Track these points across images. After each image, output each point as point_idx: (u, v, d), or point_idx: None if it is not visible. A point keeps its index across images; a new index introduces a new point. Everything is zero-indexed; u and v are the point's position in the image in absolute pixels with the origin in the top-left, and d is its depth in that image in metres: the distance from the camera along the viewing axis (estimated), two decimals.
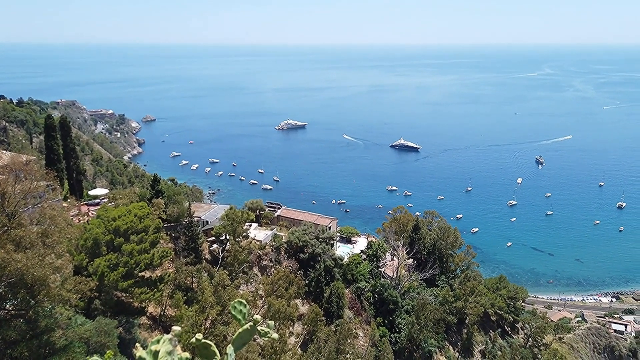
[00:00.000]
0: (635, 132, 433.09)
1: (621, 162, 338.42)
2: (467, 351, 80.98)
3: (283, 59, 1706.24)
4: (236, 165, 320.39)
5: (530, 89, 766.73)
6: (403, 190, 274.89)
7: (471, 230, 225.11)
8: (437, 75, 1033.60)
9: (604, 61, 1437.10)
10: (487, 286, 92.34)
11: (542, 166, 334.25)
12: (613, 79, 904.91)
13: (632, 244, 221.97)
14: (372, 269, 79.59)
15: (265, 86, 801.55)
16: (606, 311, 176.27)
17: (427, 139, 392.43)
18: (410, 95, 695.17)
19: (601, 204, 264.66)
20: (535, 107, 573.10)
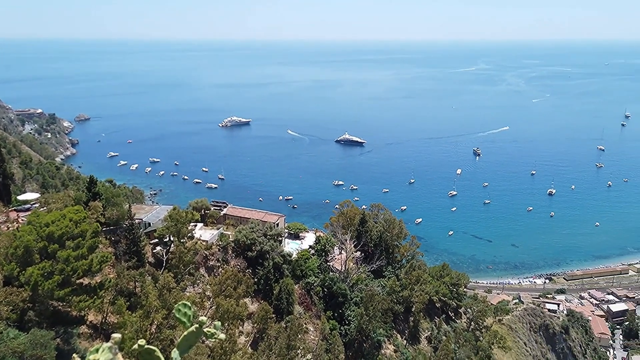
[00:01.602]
0: (561, 123, 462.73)
1: (550, 151, 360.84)
2: (414, 338, 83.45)
3: (225, 54, 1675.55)
4: (178, 164, 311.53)
5: (467, 83, 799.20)
6: (349, 184, 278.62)
7: (415, 221, 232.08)
8: (378, 70, 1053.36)
9: (533, 56, 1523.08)
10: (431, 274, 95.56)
11: (479, 157, 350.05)
12: (542, 73, 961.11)
13: (562, 228, 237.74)
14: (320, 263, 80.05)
15: (207, 82, 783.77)
16: (540, 292, 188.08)
17: (371, 133, 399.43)
18: (352, 90, 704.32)
19: (533, 191, 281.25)
20: (471, 101, 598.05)
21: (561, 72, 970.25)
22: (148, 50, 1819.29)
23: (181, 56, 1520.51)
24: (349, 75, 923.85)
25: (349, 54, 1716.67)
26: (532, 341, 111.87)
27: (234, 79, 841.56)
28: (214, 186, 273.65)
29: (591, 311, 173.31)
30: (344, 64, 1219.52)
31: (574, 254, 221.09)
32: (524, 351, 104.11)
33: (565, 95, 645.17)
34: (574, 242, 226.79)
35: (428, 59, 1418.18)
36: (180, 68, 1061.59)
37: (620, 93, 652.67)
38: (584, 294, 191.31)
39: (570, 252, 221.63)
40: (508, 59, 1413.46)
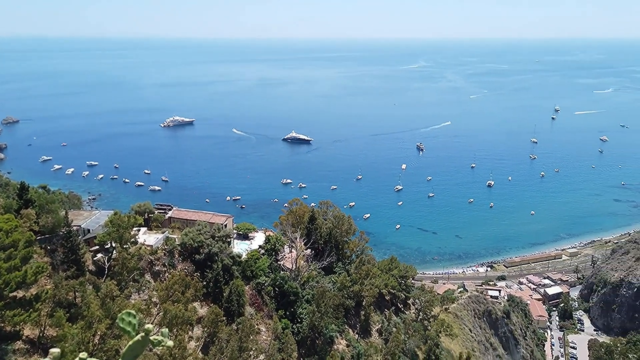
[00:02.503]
0: (498, 117, 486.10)
1: (489, 145, 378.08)
2: (366, 331, 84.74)
3: (165, 52, 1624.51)
4: (118, 167, 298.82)
5: (409, 80, 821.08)
6: (298, 182, 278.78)
7: (363, 216, 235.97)
8: (324, 68, 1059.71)
9: (471, 54, 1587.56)
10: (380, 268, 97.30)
11: (422, 152, 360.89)
12: (478, 70, 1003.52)
13: (501, 218, 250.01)
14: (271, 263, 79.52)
15: (146, 81, 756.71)
16: (483, 280, 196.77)
17: (318, 131, 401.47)
18: (300, 89, 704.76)
19: (474, 183, 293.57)
20: (414, 97, 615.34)
21: (497, 69, 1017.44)
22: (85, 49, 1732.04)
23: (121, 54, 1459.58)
24: (296, 73, 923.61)
25: (295, 52, 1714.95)
26: (476, 327, 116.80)
27: (178, 77, 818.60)
28: (157, 189, 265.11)
29: (529, 295, 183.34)
30: (291, 62, 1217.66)
31: (513, 242, 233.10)
32: (470, 337, 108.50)
33: (501, 91, 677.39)
34: (512, 231, 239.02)
35: (373, 57, 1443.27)
36: (119, 67, 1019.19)
37: (550, 88, 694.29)
38: (522, 280, 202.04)
39: (509, 241, 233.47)
40: (447, 56, 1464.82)
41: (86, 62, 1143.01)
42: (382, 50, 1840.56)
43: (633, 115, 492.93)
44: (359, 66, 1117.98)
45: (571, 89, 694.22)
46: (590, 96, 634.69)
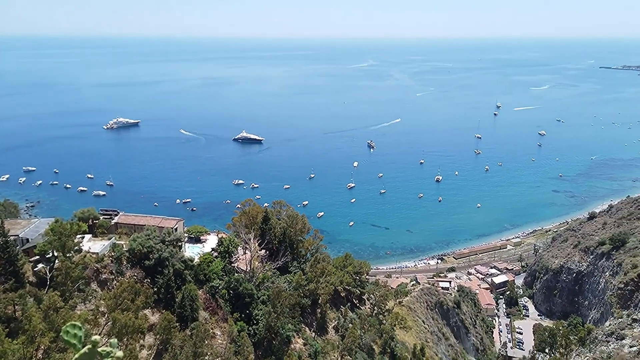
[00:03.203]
0: (444, 114, 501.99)
1: (436, 141, 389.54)
2: (322, 329, 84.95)
3: (105, 51, 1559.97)
4: (59, 172, 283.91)
5: (358, 78, 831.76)
6: (250, 183, 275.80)
7: (317, 214, 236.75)
8: (272, 67, 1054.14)
9: (416, 52, 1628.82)
10: (335, 265, 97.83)
11: (373, 149, 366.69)
12: (424, 68, 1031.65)
13: (449, 211, 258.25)
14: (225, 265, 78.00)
15: (86, 81, 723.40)
16: (434, 272, 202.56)
17: (269, 130, 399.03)
18: (248, 88, 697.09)
19: (423, 179, 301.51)
20: (364, 95, 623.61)
21: (442, 67, 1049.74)
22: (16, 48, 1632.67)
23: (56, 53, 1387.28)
24: (245, 73, 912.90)
25: (243, 50, 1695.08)
26: (429, 318, 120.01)
27: (120, 77, 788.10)
28: (102, 194, 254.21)
29: (478, 285, 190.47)
30: (239, 61, 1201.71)
31: (461, 234, 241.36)
32: (423, 328, 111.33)
33: (446, 89, 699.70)
34: (460, 224, 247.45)
35: (322, 56, 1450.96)
36: (56, 66, 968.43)
37: (492, 86, 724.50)
38: (471, 270, 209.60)
39: (458, 233, 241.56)
40: (393, 55, 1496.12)
41: (18, 61, 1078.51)
42: (331, 49, 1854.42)
43: (567, 110, 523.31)
44: (309, 65, 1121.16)
45: (510, 86, 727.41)
46: (527, 92, 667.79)
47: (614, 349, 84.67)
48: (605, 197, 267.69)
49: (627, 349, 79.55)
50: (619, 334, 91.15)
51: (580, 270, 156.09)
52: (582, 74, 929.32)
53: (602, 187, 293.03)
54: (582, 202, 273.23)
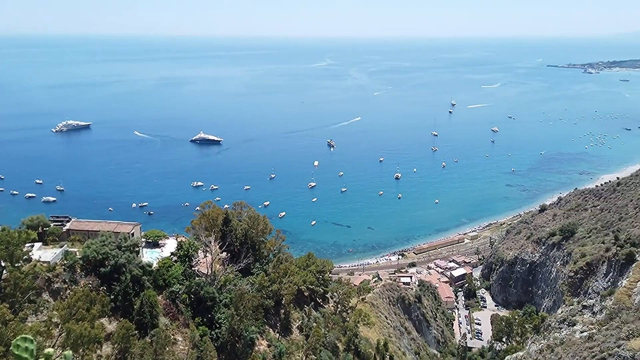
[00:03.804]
0: (401, 112, 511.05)
1: (395, 139, 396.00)
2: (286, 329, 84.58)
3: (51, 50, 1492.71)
4: (4, 178, 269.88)
5: (316, 78, 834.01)
6: (209, 184, 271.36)
7: (279, 215, 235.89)
8: (229, 66, 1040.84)
9: (374, 52, 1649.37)
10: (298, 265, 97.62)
11: (333, 148, 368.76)
12: (381, 68, 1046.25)
13: (409, 207, 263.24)
14: (185, 269, 76.20)
15: (32, 82, 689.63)
16: (395, 268, 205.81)
17: (228, 130, 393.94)
18: (205, 88, 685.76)
19: (382, 177, 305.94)
20: (323, 95, 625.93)
21: (399, 67, 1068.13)
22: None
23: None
24: (201, 72, 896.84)
25: (198, 50, 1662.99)
26: (391, 314, 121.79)
27: (68, 78, 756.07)
28: (52, 199, 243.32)
29: (438, 279, 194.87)
30: (194, 61, 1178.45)
31: (420, 230, 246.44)
32: (386, 324, 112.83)
33: (403, 88, 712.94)
34: (419, 219, 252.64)
35: (280, 56, 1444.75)
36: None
37: (446, 84, 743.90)
38: (431, 265, 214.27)
39: (417, 229, 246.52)
40: (351, 55, 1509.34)
41: None
42: (288, 49, 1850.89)
43: (518, 107, 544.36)
44: (266, 64, 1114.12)
45: (464, 85, 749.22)
46: (480, 91, 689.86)
47: (566, 335, 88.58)
48: (555, 189, 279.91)
49: (578, 334, 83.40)
50: (570, 321, 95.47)
51: (533, 261, 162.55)
52: (531, 72, 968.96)
53: (551, 180, 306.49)
54: (533, 195, 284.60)
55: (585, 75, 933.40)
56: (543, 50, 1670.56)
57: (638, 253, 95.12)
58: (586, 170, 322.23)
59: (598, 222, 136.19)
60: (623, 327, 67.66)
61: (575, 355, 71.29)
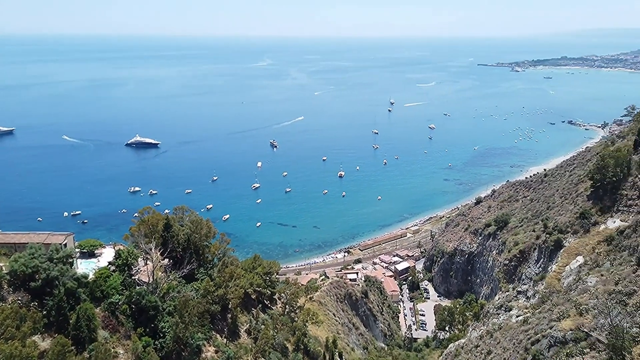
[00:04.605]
0: (342, 112, 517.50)
1: (337, 138, 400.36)
2: (234, 334, 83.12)
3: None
4: None
5: (256, 78, 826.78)
6: (147, 189, 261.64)
7: (222, 218, 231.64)
8: (164, 67, 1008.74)
9: (313, 52, 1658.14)
10: (244, 268, 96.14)
11: (276, 149, 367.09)
12: (321, 67, 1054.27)
13: (353, 205, 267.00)
14: (124, 279, 72.82)
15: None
16: (342, 265, 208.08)
17: (166, 133, 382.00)
18: (140, 89, 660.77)
19: (327, 175, 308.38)
20: (262, 95, 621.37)
21: (338, 66, 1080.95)
22: None
23: None
24: (134, 73, 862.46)
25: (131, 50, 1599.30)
26: (339, 310, 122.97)
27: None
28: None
29: (383, 273, 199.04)
30: (127, 61, 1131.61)
31: (365, 226, 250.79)
32: (334, 321, 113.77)
33: (343, 87, 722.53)
34: (363, 216, 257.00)
35: (218, 55, 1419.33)
36: None
37: (384, 83, 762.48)
38: (376, 260, 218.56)
39: (362, 226, 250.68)
40: (291, 54, 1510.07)
41: None
42: (225, 48, 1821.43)
43: (452, 105, 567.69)
44: (203, 65, 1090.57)
45: (401, 84, 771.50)
46: (416, 89, 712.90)
47: (503, 320, 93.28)
48: (489, 182, 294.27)
49: (514, 319, 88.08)
50: (506, 306, 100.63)
51: (471, 251, 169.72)
52: (463, 71, 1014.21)
53: (485, 174, 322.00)
54: (469, 188, 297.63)
55: (513, 73, 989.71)
56: (474, 50, 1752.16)
57: (565, 239, 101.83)
58: (516, 163, 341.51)
59: (528, 211, 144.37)
60: (554, 309, 72.04)
61: (512, 338, 75.18)
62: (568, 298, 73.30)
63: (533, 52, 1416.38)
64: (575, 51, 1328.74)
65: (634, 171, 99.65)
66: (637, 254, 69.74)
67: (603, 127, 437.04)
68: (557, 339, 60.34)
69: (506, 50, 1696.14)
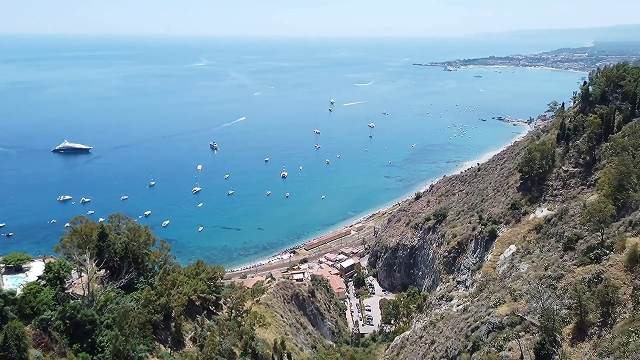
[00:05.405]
0: (283, 112, 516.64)
1: (279, 138, 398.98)
2: (179, 343, 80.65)
3: None
4: None
5: (193, 79, 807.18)
6: (79, 197, 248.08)
7: (162, 224, 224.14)
8: (94, 68, 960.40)
9: (252, 52, 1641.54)
10: (187, 274, 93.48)
11: (217, 151, 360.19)
12: (261, 68, 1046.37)
13: (297, 205, 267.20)
14: (57, 293, 68.58)
15: None
16: (288, 266, 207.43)
17: (97, 137, 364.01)
18: (67, 92, 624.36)
19: (270, 176, 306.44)
20: (200, 96, 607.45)
21: (278, 67, 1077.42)
22: None
23: None
24: (61, 75, 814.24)
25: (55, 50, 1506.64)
26: (287, 311, 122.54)
27: None
28: None
29: (329, 272, 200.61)
30: (51, 62, 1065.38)
31: (310, 226, 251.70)
32: (282, 322, 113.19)
33: (284, 87, 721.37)
34: (308, 216, 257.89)
35: (151, 56, 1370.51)
36: None
37: (324, 83, 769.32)
38: (321, 259, 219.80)
39: (307, 225, 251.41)
40: (229, 54, 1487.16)
41: None
42: (160, 48, 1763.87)
43: (390, 104, 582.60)
44: (136, 65, 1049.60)
45: (340, 83, 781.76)
46: (355, 89, 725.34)
47: (445, 310, 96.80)
48: (427, 178, 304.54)
49: (455, 308, 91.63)
50: (447, 296, 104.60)
51: (413, 245, 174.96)
52: (400, 70, 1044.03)
53: (424, 170, 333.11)
54: (409, 184, 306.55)
55: (446, 72, 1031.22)
56: (409, 50, 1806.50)
57: (499, 229, 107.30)
58: (452, 159, 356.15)
59: (465, 204, 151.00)
60: (491, 296, 75.66)
61: (453, 327, 78.10)
62: (503, 285, 77.04)
63: (464, 51, 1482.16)
64: (502, 51, 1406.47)
65: (557, 163, 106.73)
66: (563, 240, 74.54)
67: (529, 122, 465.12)
68: (495, 324, 63.28)
69: (439, 50, 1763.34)
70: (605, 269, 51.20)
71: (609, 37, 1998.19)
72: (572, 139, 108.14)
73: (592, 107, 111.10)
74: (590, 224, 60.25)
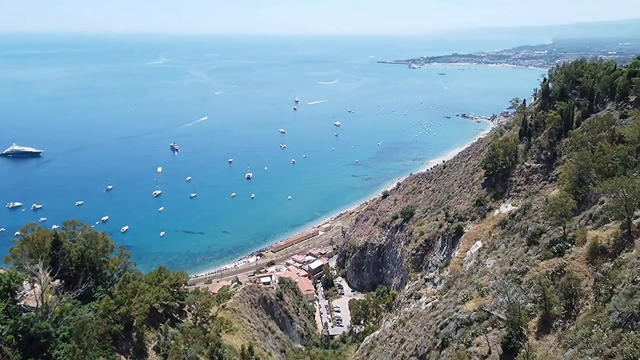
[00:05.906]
0: (247, 111, 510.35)
1: (243, 138, 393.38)
2: (141, 353, 76.97)
3: None
4: None
5: (151, 78, 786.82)
6: (30, 204, 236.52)
7: (121, 229, 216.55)
8: (43, 66, 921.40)
9: (213, 49, 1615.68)
10: (148, 281, 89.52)
11: (177, 152, 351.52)
12: (222, 66, 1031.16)
13: (263, 206, 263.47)
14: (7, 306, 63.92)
15: None
16: (254, 269, 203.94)
17: (48, 140, 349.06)
18: (12, 92, 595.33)
19: (233, 177, 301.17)
20: (159, 96, 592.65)
21: (240, 65, 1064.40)
22: None
23: None
24: (7, 74, 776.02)
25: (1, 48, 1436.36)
26: (254, 316, 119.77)
27: None
28: None
29: (297, 274, 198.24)
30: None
31: (276, 227, 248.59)
32: (249, 327, 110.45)
33: (247, 86, 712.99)
34: (274, 217, 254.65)
35: (105, 53, 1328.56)
36: None
37: (288, 81, 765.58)
38: (289, 261, 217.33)
39: (273, 227, 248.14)
40: (188, 52, 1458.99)
41: None
42: (116, 46, 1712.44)
43: (356, 102, 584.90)
44: (89, 64, 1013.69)
45: (304, 81, 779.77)
46: (320, 87, 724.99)
47: (414, 308, 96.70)
48: (394, 176, 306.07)
49: (424, 305, 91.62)
50: (416, 294, 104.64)
51: (381, 244, 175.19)
52: (364, 68, 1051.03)
53: (390, 168, 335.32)
54: (376, 183, 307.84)
55: (410, 70, 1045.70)
56: (374, 48, 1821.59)
57: (465, 226, 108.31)
58: (418, 157, 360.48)
59: (431, 202, 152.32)
60: (459, 293, 75.79)
61: (422, 325, 77.82)
62: (470, 281, 77.34)
63: (428, 49, 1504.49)
64: (465, 48, 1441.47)
65: (520, 159, 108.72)
66: (527, 235, 75.53)
67: (492, 119, 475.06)
68: (463, 320, 63.25)
69: (403, 47, 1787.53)
70: (568, 262, 51.80)
71: (568, 35, 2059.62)
72: (534, 135, 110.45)
73: (552, 103, 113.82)
74: (553, 218, 60.91)
